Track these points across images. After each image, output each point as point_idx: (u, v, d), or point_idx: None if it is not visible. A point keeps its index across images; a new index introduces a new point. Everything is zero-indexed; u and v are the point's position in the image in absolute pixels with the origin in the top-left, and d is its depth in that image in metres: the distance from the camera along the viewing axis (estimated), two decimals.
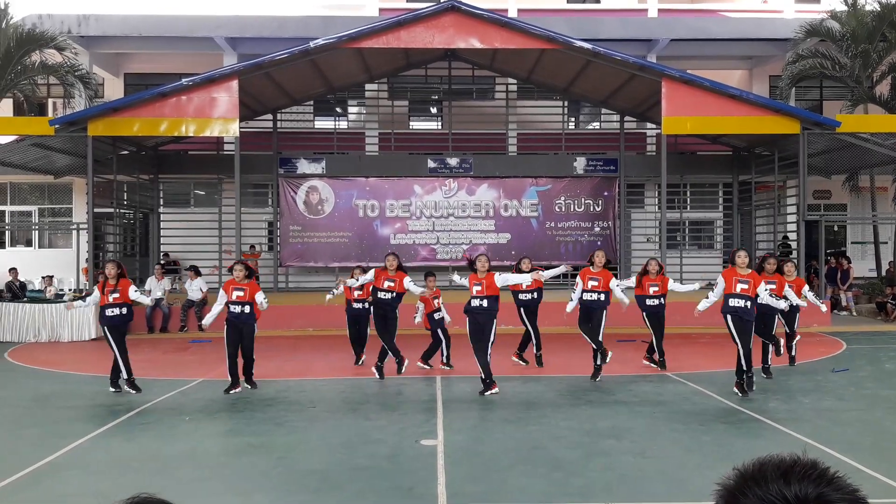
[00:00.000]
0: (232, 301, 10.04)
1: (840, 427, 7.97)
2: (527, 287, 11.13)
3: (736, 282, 9.26)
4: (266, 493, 5.92)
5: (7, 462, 6.72)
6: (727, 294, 9.29)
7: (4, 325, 15.76)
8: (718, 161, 22.75)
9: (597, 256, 11.10)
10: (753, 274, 9.39)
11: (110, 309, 10.10)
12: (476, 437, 7.59)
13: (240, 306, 10.06)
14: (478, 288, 9.82)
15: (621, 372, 11.21)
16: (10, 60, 19.50)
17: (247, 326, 10.14)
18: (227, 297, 10.09)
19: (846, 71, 20.26)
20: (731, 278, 9.33)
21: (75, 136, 16.98)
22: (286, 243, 21.44)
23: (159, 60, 23.74)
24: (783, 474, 1.08)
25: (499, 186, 21.56)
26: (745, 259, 9.42)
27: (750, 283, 9.23)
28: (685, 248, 22.91)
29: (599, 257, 11.08)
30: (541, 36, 16.93)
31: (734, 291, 9.23)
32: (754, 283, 9.24)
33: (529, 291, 11.47)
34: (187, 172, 22.33)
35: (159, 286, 17.07)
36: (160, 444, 7.46)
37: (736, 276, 9.30)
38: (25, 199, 24.35)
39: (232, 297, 10.05)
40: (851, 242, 24.37)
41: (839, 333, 15.71)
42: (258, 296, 10.07)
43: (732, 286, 9.26)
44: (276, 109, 21.48)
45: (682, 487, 5.96)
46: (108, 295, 10.08)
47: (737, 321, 9.23)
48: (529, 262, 11.89)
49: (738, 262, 9.39)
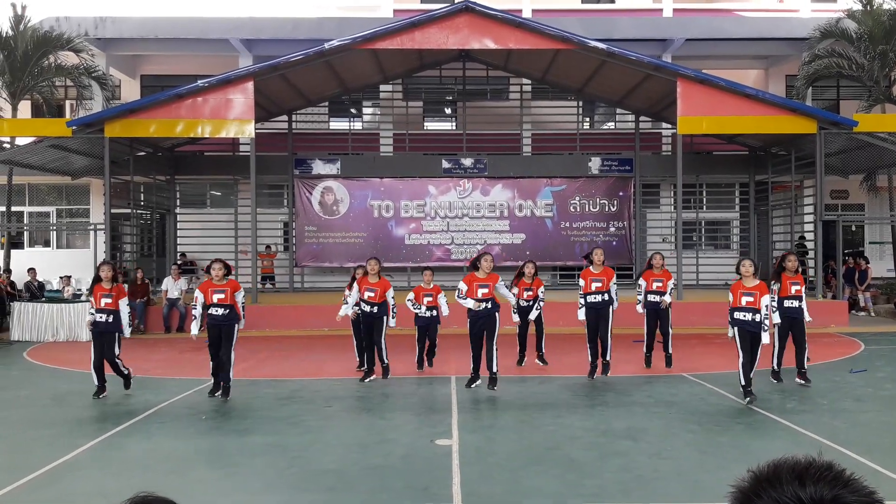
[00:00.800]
0: (212, 304, 9.46)
1: (858, 428, 7.91)
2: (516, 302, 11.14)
3: (741, 295, 9.13)
4: (281, 492, 5.94)
5: (25, 460, 6.78)
6: (732, 308, 9.17)
7: (23, 325, 15.91)
8: (734, 161, 22.63)
9: (595, 254, 10.72)
10: (761, 285, 9.23)
11: (99, 314, 9.72)
12: (491, 437, 7.58)
13: (221, 309, 9.48)
14: (484, 290, 9.78)
15: (636, 373, 11.17)
16: (28, 63, 19.70)
17: (226, 328, 9.57)
18: (207, 299, 9.48)
19: (863, 70, 20.10)
20: (736, 292, 9.22)
21: (92, 137, 17.12)
22: (301, 243, 21.52)
23: (175, 62, 23.89)
24: (798, 476, 1.07)
25: (513, 187, 21.54)
26: (749, 269, 9.21)
27: (755, 296, 9.09)
28: (701, 248, 22.81)
29: (598, 255, 10.71)
30: (555, 36, 16.91)
31: (740, 305, 9.12)
32: (759, 295, 9.11)
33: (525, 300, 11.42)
34: (203, 173, 22.47)
35: (176, 286, 17.17)
36: (176, 443, 7.51)
37: (741, 290, 9.16)
38: (44, 200, 24.57)
39: (213, 300, 9.46)
40: (869, 242, 24.15)
41: (857, 334, 15.58)
42: (238, 296, 9.62)
43: (738, 300, 9.15)
44: (291, 110, 21.57)
45: (699, 488, 5.93)
46: (100, 299, 9.68)
47: (743, 334, 9.13)
48: (534, 266, 11.65)
49: (742, 273, 9.22)
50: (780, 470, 1.10)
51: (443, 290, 11.41)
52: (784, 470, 1.09)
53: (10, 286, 18.50)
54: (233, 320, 9.58)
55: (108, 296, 9.64)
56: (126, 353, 10.28)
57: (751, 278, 9.17)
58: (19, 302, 16.54)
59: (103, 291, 9.67)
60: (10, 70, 19.71)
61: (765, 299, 9.08)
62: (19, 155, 18.68)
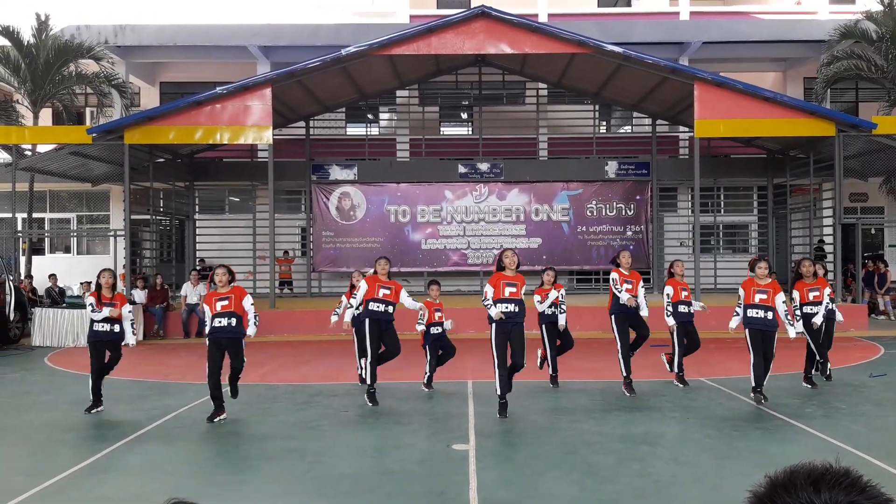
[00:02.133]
0: (217, 313, 8.47)
1: (877, 433, 7.84)
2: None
3: (754, 292, 9.06)
4: (299, 496, 5.97)
5: (47, 465, 6.86)
6: (746, 305, 9.08)
7: (45, 331, 16.07)
8: (752, 164, 22.50)
9: (623, 257, 10.17)
10: (774, 283, 9.18)
11: (100, 324, 9.17)
12: (508, 441, 7.59)
13: (225, 319, 8.44)
14: (512, 290, 8.63)
15: (653, 377, 11.12)
16: (49, 71, 19.94)
17: (233, 345, 8.58)
18: (212, 310, 8.51)
19: (882, 72, 19.93)
20: (749, 289, 9.13)
21: (112, 144, 17.29)
22: (319, 249, 21.61)
23: (194, 69, 24.10)
24: (814, 482, 1.09)
25: (529, 191, 21.53)
26: (765, 270, 9.17)
27: (769, 293, 9.02)
28: (719, 252, 22.68)
29: (626, 258, 10.16)
30: (571, 40, 16.90)
31: (753, 302, 9.04)
32: (773, 293, 9.04)
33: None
34: (222, 179, 22.65)
35: (195, 291, 17.29)
36: (195, 447, 7.57)
37: (754, 287, 9.10)
38: (64, 206, 24.83)
39: (217, 309, 8.47)
40: (889, 246, 23.92)
41: (877, 338, 15.44)
42: (246, 302, 8.56)
43: (751, 297, 9.07)
44: (308, 116, 21.69)
45: (717, 494, 5.90)
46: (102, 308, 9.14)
47: (755, 334, 9.04)
48: (553, 273, 10.77)
49: (758, 274, 9.17)
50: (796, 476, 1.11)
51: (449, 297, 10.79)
52: (800, 476, 1.10)
53: (32, 292, 18.71)
54: (239, 334, 8.57)
55: (109, 304, 9.10)
56: (146, 359, 10.35)
57: (764, 279, 9.14)
58: (40, 308, 16.72)
59: (105, 301, 9.10)
60: (31, 78, 19.96)
61: (779, 296, 9.06)
62: (40, 162, 18.89)
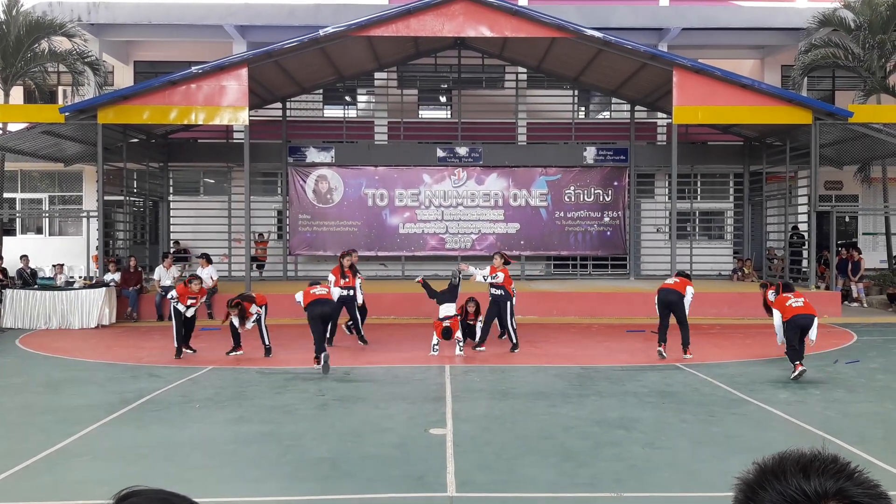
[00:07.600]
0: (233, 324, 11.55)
1: (850, 419, 7.95)
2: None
3: (790, 305, 10.02)
4: (276, 480, 5.94)
5: (21, 447, 6.77)
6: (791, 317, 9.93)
7: (16, 313, 15.84)
8: (729, 151, 22.64)
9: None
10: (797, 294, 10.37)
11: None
12: (485, 426, 7.60)
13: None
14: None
15: (630, 362, 11.19)
16: (20, 48, 19.54)
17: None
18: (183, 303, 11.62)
19: (859, 61, 20.09)
20: (784, 304, 10.11)
21: (85, 123, 17.01)
22: (295, 232, 21.47)
23: (169, 48, 23.76)
24: (802, 469, 1.07)
25: (508, 176, 21.51)
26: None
27: (803, 299, 10.16)
28: (695, 238, 22.84)
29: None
30: (551, 24, 16.85)
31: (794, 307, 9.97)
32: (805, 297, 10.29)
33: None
34: (197, 160, 22.38)
35: (168, 274, 17.12)
36: (170, 431, 7.50)
37: (788, 299, 10.12)
38: (36, 186, 24.45)
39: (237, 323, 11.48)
40: (863, 233, 24.23)
41: (850, 325, 15.64)
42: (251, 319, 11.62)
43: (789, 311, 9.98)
44: (285, 98, 21.47)
45: (692, 478, 5.96)
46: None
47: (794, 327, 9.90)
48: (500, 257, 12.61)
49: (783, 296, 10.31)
50: (785, 462, 1.09)
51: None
52: (789, 462, 1.09)
53: (3, 273, 18.42)
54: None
55: (193, 297, 11.94)
56: (120, 342, 10.25)
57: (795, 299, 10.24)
58: (11, 289, 16.47)
59: (189, 293, 11.99)
60: (2, 55, 19.54)
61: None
62: (11, 141, 18.56)
